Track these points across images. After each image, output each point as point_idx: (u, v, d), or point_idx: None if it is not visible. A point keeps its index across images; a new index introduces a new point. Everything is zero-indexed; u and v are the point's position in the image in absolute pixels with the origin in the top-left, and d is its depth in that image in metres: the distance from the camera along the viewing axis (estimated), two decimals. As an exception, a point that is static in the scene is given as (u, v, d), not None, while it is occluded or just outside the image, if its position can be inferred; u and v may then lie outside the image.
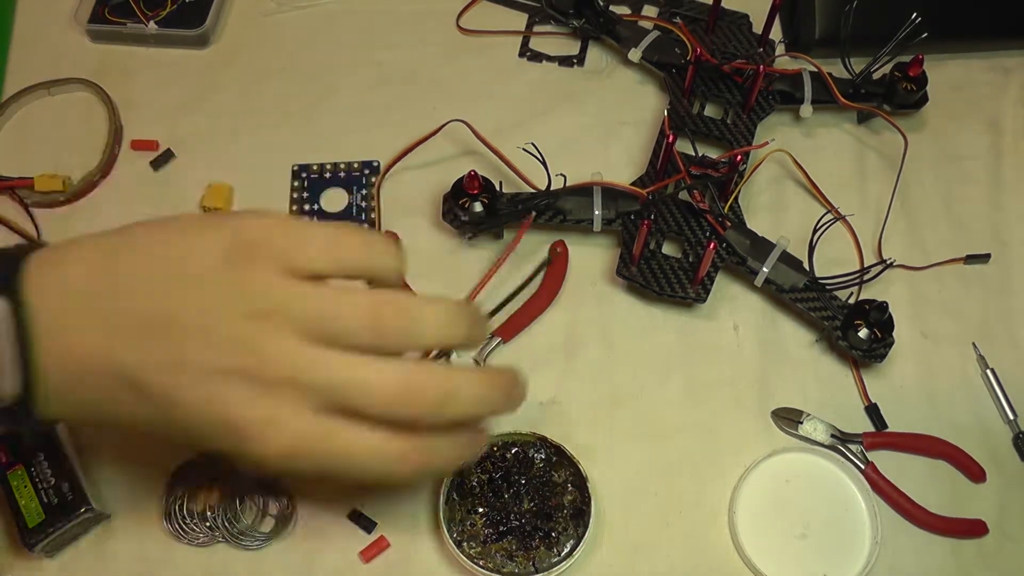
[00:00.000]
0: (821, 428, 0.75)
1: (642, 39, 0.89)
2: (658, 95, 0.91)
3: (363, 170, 0.86)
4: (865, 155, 0.88)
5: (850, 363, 0.78)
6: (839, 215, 0.83)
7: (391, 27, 0.95)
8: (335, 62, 0.93)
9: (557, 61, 0.93)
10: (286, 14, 0.96)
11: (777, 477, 0.73)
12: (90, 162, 0.85)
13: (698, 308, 0.80)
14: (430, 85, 0.91)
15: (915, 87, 0.85)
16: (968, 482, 0.74)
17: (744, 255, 0.77)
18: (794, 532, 0.71)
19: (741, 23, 0.91)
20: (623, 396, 0.77)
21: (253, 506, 0.71)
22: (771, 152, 0.86)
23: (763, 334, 0.79)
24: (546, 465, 0.72)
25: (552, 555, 0.69)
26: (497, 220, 0.78)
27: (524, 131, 0.86)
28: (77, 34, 0.92)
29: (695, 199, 0.79)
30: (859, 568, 0.70)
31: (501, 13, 0.96)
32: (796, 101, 0.86)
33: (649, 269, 0.77)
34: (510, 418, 0.74)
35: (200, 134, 0.88)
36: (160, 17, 0.91)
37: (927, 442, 0.74)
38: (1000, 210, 0.85)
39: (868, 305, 0.74)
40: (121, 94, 0.89)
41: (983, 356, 0.78)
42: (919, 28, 0.81)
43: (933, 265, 0.82)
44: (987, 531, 0.71)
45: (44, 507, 0.66)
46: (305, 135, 0.88)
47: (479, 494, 0.71)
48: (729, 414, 0.76)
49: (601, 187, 0.79)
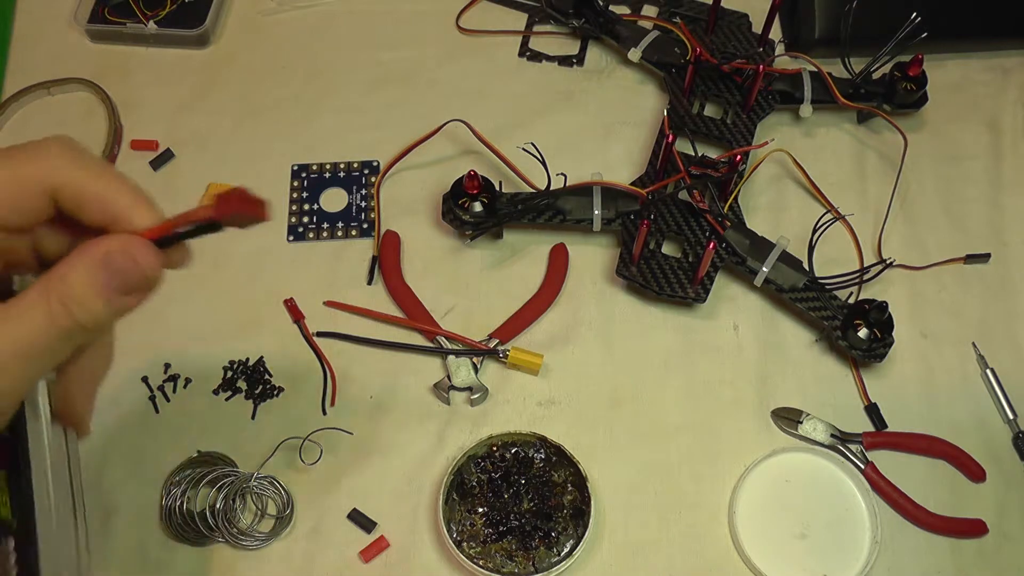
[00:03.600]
0: (821, 428, 0.75)
1: (642, 39, 0.89)
2: (658, 95, 0.91)
3: (363, 170, 0.86)
4: (865, 155, 0.88)
5: (850, 363, 0.78)
6: (839, 215, 0.83)
7: (391, 27, 0.95)
8: (335, 62, 0.93)
9: (557, 61, 0.93)
10: (286, 14, 0.96)
11: (777, 477, 0.73)
12: (90, 162, 0.85)
13: (698, 308, 0.79)
14: (430, 85, 0.91)
15: (915, 87, 0.85)
16: (968, 482, 0.74)
17: (744, 255, 0.77)
18: (794, 532, 0.71)
19: (741, 23, 0.91)
20: (623, 396, 0.77)
21: (253, 506, 0.71)
22: (771, 152, 0.86)
23: (763, 334, 0.79)
24: (546, 465, 0.72)
25: (552, 555, 0.69)
26: (497, 220, 0.78)
27: (524, 131, 0.86)
28: (77, 34, 0.92)
29: (695, 199, 0.79)
30: (859, 568, 0.70)
31: (501, 13, 0.96)
32: (796, 101, 0.86)
33: (649, 269, 0.77)
34: (510, 418, 0.75)
35: (200, 134, 0.88)
36: (160, 17, 0.91)
37: (927, 442, 0.74)
38: (1000, 210, 0.85)
39: (868, 305, 0.74)
40: (121, 94, 0.89)
41: (983, 356, 0.78)
42: (919, 28, 0.81)
43: (933, 265, 0.82)
44: (987, 531, 0.71)
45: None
46: (305, 135, 0.88)
47: (479, 494, 0.71)
48: (729, 414, 0.76)
49: (601, 187, 0.79)
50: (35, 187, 0.39)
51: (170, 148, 0.87)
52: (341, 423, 0.74)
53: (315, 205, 0.85)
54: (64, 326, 0.37)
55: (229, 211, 0.38)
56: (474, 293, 0.80)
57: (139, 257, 0.38)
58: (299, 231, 0.83)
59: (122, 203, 0.39)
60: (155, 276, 0.39)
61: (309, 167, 0.86)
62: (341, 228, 0.83)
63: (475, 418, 0.75)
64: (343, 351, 0.77)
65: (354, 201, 0.85)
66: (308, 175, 0.86)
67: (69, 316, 0.37)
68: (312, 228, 0.83)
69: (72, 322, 0.37)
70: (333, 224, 0.84)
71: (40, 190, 0.39)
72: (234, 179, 0.85)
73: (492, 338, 0.77)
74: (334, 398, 0.75)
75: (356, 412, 0.75)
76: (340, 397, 0.75)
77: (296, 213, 0.84)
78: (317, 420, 0.74)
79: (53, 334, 0.37)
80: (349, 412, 0.75)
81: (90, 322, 0.38)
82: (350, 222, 0.84)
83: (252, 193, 0.39)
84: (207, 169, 0.86)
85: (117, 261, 0.37)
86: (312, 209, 0.84)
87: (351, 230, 0.83)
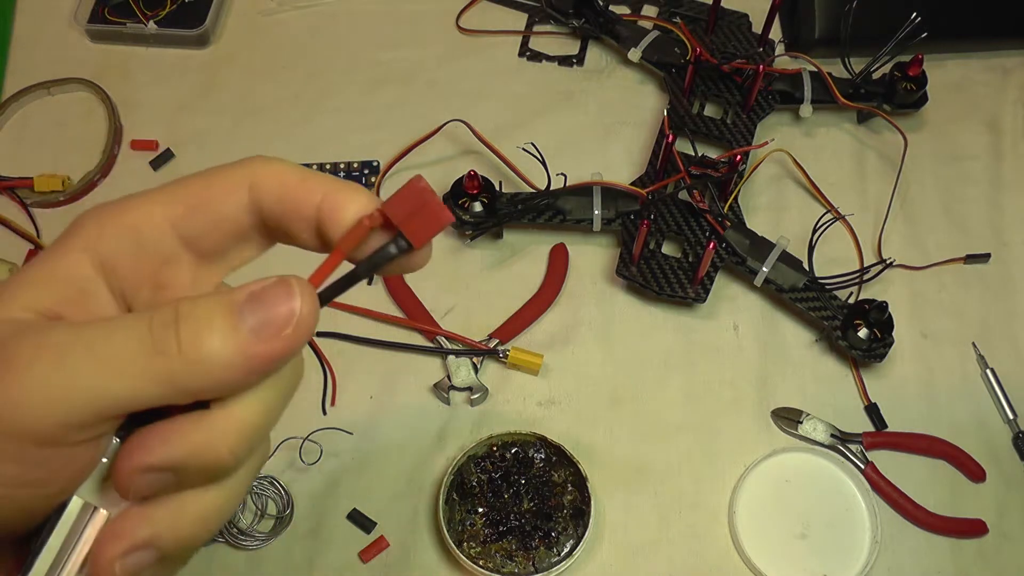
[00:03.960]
0: (821, 428, 0.75)
1: (642, 39, 0.89)
2: (658, 95, 0.91)
3: (363, 170, 0.86)
4: (865, 155, 0.88)
5: (850, 363, 0.78)
6: (839, 215, 0.83)
7: (391, 27, 0.95)
8: (335, 62, 0.93)
9: (557, 61, 0.93)
10: (286, 14, 0.96)
11: (777, 477, 0.73)
12: (90, 162, 0.85)
13: (698, 308, 0.79)
14: (430, 85, 0.91)
15: (915, 87, 0.85)
16: (968, 482, 0.74)
17: (744, 255, 0.77)
18: (794, 532, 0.71)
19: (741, 23, 0.91)
20: (623, 396, 0.77)
21: (253, 506, 0.71)
22: (771, 152, 0.86)
23: (763, 334, 0.79)
24: (546, 465, 0.72)
25: (552, 555, 0.69)
26: (497, 220, 0.78)
27: (524, 131, 0.86)
28: (77, 34, 0.92)
29: (695, 199, 0.79)
30: (859, 568, 0.70)
31: (501, 13, 0.96)
32: (796, 101, 0.86)
33: (649, 269, 0.77)
34: (510, 418, 0.75)
35: (200, 134, 0.88)
36: (160, 17, 0.91)
37: (927, 442, 0.74)
38: (1000, 210, 0.85)
39: (868, 305, 0.74)
40: (121, 94, 0.89)
41: (983, 356, 0.78)
42: (919, 28, 0.81)
43: (933, 265, 0.82)
44: (987, 531, 0.71)
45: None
46: (305, 135, 0.88)
47: (479, 494, 0.70)
48: (729, 414, 0.76)
49: (601, 187, 0.79)
50: (235, 181, 0.30)
51: (170, 148, 0.87)
52: (341, 423, 0.74)
53: (315, 205, 0.84)
54: (164, 369, 0.26)
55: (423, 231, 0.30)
56: (474, 293, 0.80)
57: (303, 294, 0.27)
58: (299, 231, 0.83)
59: (333, 189, 0.31)
60: (307, 327, 0.27)
61: (309, 167, 0.86)
62: (341, 228, 0.83)
63: (475, 418, 0.75)
64: (343, 351, 0.77)
65: (354, 201, 0.85)
66: (308, 175, 0.86)
67: (178, 352, 0.26)
68: (312, 228, 0.83)
69: (181, 364, 0.26)
70: (333, 224, 0.83)
71: (240, 183, 0.30)
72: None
73: (492, 338, 0.77)
74: (334, 398, 0.75)
75: (356, 412, 0.75)
76: (340, 397, 0.75)
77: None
78: (317, 420, 0.74)
79: (145, 375, 0.26)
80: (349, 412, 0.75)
81: (208, 369, 0.26)
82: (350, 222, 0.84)
83: (429, 190, 0.31)
84: (207, 169, 0.85)
85: (270, 294, 0.27)
86: (312, 209, 0.84)
87: (351, 230, 0.83)
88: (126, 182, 0.85)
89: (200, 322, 0.26)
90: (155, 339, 0.26)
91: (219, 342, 0.26)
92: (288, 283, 0.27)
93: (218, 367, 0.26)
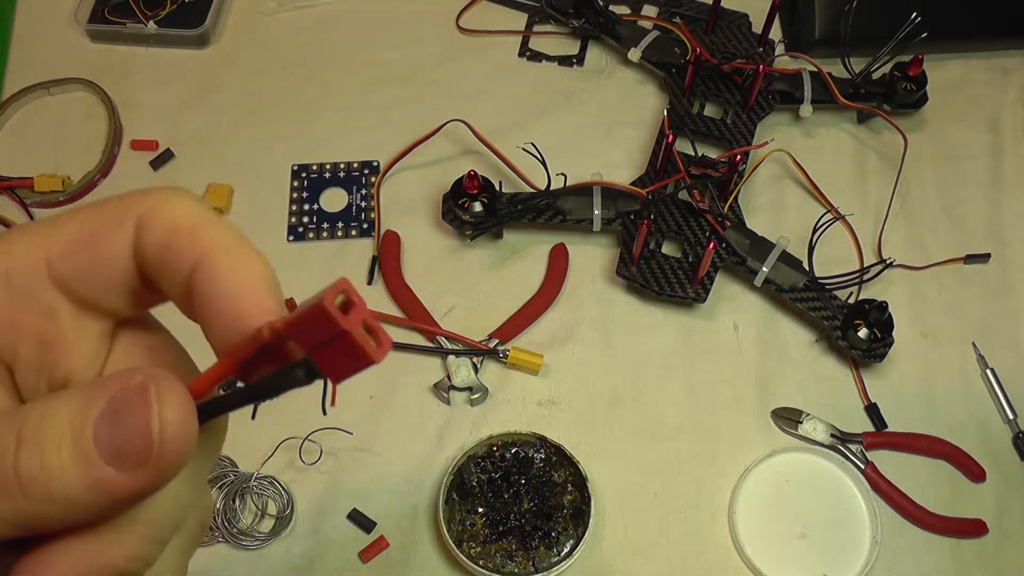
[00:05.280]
0: (821, 428, 0.75)
1: (642, 39, 0.89)
2: (658, 95, 0.91)
3: (363, 170, 0.86)
4: (865, 155, 0.88)
5: (850, 363, 0.78)
6: (839, 215, 0.83)
7: (391, 27, 0.95)
8: (335, 62, 0.92)
9: (557, 61, 0.93)
10: (286, 14, 0.95)
11: (777, 477, 0.73)
12: (90, 162, 0.85)
13: (698, 308, 0.79)
14: (430, 85, 0.91)
15: (915, 87, 0.85)
16: (968, 482, 0.74)
17: (744, 255, 0.77)
18: (794, 532, 0.71)
19: (741, 23, 0.91)
20: (623, 396, 0.77)
21: (253, 506, 0.71)
22: (771, 152, 0.86)
23: (763, 334, 0.79)
24: (546, 465, 0.72)
25: (552, 555, 0.69)
26: (497, 220, 0.78)
27: (524, 131, 0.86)
28: (77, 34, 0.92)
29: (695, 199, 0.79)
30: (859, 568, 0.70)
31: (501, 13, 0.96)
32: (796, 101, 0.86)
33: (649, 269, 0.77)
34: (510, 418, 0.75)
35: (200, 134, 0.88)
36: (160, 17, 0.91)
37: (927, 442, 0.74)
38: (1000, 210, 0.85)
39: (868, 305, 0.74)
40: (121, 94, 0.89)
41: (983, 356, 0.78)
42: (919, 28, 0.81)
43: (933, 265, 0.82)
44: (987, 531, 0.71)
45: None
46: (305, 135, 0.88)
47: (479, 494, 0.70)
48: (729, 414, 0.76)
49: (601, 187, 0.79)
50: (125, 215, 0.25)
51: (170, 148, 0.87)
52: (341, 423, 0.74)
53: (315, 205, 0.85)
54: (10, 509, 0.21)
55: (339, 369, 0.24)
56: (474, 293, 0.80)
57: (169, 410, 0.22)
58: (299, 231, 0.83)
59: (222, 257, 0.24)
60: (176, 453, 0.22)
61: (309, 167, 0.86)
62: (341, 228, 0.83)
63: (475, 418, 0.75)
64: (343, 351, 0.77)
65: (354, 201, 0.85)
66: (308, 175, 0.86)
67: (20, 492, 0.21)
68: (312, 228, 0.83)
69: (26, 504, 0.21)
70: (333, 224, 0.84)
71: (129, 217, 0.25)
72: (234, 179, 0.85)
73: (492, 338, 0.77)
74: (334, 398, 0.74)
75: (356, 412, 0.75)
76: (340, 397, 0.74)
77: (296, 213, 0.84)
78: (317, 420, 0.74)
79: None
80: (349, 412, 0.75)
81: (59, 509, 0.21)
82: (350, 222, 0.84)
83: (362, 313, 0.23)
84: (207, 169, 0.86)
85: (129, 405, 0.22)
86: (312, 209, 0.84)
87: (351, 230, 0.83)
88: (126, 182, 0.85)
89: (46, 449, 0.21)
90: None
91: (70, 476, 0.21)
92: (145, 391, 0.21)
93: (70, 508, 0.21)
